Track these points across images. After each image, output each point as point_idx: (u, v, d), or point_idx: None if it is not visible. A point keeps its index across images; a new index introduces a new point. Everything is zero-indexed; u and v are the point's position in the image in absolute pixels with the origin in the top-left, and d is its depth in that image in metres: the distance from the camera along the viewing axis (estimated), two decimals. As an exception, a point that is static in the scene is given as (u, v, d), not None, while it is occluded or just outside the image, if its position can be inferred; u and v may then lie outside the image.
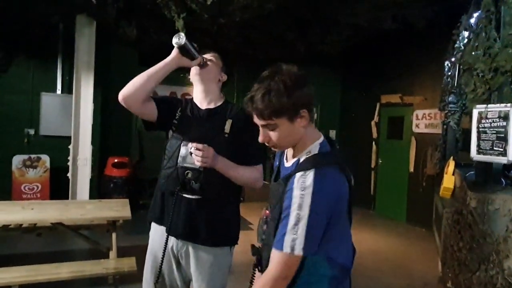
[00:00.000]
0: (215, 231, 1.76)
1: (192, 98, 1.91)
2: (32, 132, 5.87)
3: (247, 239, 1.98)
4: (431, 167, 5.87)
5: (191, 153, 1.66)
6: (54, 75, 5.94)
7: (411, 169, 6.58)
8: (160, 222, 1.82)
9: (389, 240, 5.47)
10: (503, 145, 2.36)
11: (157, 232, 1.85)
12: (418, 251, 5.06)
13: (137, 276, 2.96)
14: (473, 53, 2.56)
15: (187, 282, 1.90)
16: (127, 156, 6.24)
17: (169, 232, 1.74)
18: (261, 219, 1.49)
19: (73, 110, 5.57)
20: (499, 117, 2.39)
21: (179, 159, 1.73)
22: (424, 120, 6.40)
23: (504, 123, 2.36)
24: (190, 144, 1.67)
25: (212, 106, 1.85)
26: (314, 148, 1.25)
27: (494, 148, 2.41)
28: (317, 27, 5.17)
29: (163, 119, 1.81)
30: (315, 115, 1.33)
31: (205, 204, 1.74)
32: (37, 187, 5.61)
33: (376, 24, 5.14)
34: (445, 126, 4.24)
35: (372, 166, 7.47)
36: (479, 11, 2.55)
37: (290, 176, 1.21)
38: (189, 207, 1.73)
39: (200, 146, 1.63)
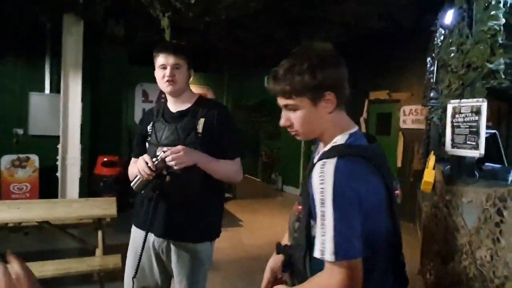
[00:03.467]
0: (195, 228, 1.81)
1: (166, 102, 1.95)
2: (20, 132, 5.87)
3: (236, 236, 2.02)
4: (418, 162, 5.95)
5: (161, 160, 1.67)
6: (42, 74, 5.94)
7: (399, 164, 6.66)
8: (142, 227, 1.84)
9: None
10: (476, 139, 2.43)
11: (137, 232, 1.90)
12: (404, 244, 5.14)
13: (123, 273, 3.02)
14: (447, 49, 2.62)
15: (168, 276, 1.94)
16: (117, 155, 6.26)
17: (149, 230, 1.78)
18: (292, 214, 1.38)
19: (61, 109, 5.58)
20: (472, 111, 2.45)
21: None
22: (411, 116, 6.48)
23: (477, 118, 2.43)
24: (159, 149, 1.71)
25: (184, 107, 1.88)
26: (341, 138, 1.10)
27: (467, 142, 2.48)
28: (306, 26, 5.22)
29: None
30: (343, 100, 1.13)
31: (184, 205, 1.79)
32: (26, 187, 5.62)
33: (363, 22, 5.20)
34: (428, 122, 4.32)
35: (362, 162, 7.54)
36: (453, 8, 2.61)
37: (311, 168, 1.09)
38: (168, 208, 1.78)
39: (168, 152, 1.66)
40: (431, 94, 3.96)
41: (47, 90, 5.98)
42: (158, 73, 1.84)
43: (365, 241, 1.00)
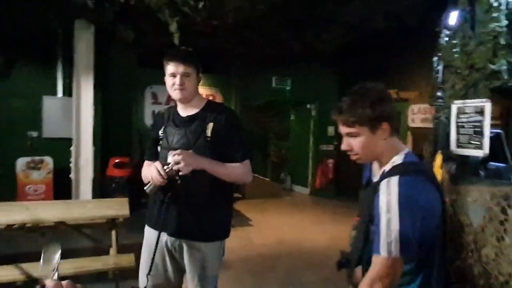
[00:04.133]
0: (205, 229, 1.89)
1: (176, 106, 2.02)
2: (35, 134, 6.03)
3: (246, 235, 2.09)
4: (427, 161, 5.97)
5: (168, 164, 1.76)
6: (54, 78, 6.08)
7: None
8: (155, 227, 1.92)
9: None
10: (480, 139, 2.47)
11: (151, 232, 1.98)
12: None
13: (137, 271, 3.11)
14: (451, 50, 2.66)
15: (180, 274, 2.02)
16: (128, 156, 6.38)
17: (162, 230, 1.87)
18: (352, 225, 1.56)
19: (73, 112, 5.72)
20: (476, 112, 2.49)
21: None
22: (419, 115, 6.49)
23: (480, 118, 2.46)
24: (170, 153, 1.78)
25: (193, 112, 1.95)
26: (398, 159, 1.32)
27: (472, 142, 2.52)
28: (310, 26, 5.27)
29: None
30: (395, 128, 1.38)
31: (194, 206, 1.87)
32: (41, 188, 5.77)
33: (368, 22, 5.23)
34: (436, 121, 4.33)
35: (370, 161, 7.57)
36: (456, 10, 2.65)
37: (376, 185, 1.29)
38: (180, 209, 1.86)
39: (175, 156, 1.73)
40: (438, 94, 3.98)
41: (59, 93, 6.12)
42: (168, 81, 1.91)
43: (421, 242, 1.20)
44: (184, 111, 1.98)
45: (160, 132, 1.98)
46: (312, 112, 8.60)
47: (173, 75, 1.88)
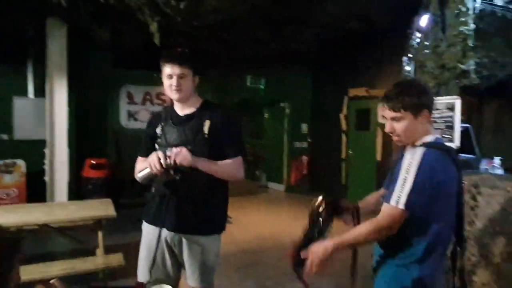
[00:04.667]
0: (205, 222, 1.99)
1: (173, 105, 2.08)
2: (5, 137, 5.83)
3: (228, 231, 2.17)
4: (396, 156, 6.28)
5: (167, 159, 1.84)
6: (25, 79, 5.91)
7: (379, 158, 6.97)
8: (154, 224, 1.99)
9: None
10: (451, 133, 2.69)
11: (149, 228, 2.03)
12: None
13: (125, 271, 3.12)
14: (423, 51, 2.88)
15: (179, 268, 2.09)
16: (105, 157, 6.30)
17: (163, 226, 1.93)
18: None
19: (47, 114, 5.58)
20: (447, 108, 2.71)
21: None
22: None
23: (451, 114, 2.69)
24: (169, 150, 1.86)
25: (190, 111, 2.03)
26: (429, 138, 1.53)
27: (444, 136, 2.74)
28: (288, 27, 5.42)
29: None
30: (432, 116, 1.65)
31: (194, 201, 1.95)
32: (14, 192, 5.59)
33: (342, 23, 5.45)
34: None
35: (343, 157, 7.83)
36: (427, 13, 2.86)
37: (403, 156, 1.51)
38: (179, 205, 1.94)
39: (175, 149, 1.82)
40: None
41: (30, 94, 5.95)
42: (166, 82, 1.98)
43: (439, 216, 1.46)
44: (181, 110, 2.05)
45: (158, 130, 2.04)
46: (286, 110, 8.79)
47: (170, 77, 1.94)
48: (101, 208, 3.57)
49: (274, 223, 6.13)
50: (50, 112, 5.60)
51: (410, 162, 1.42)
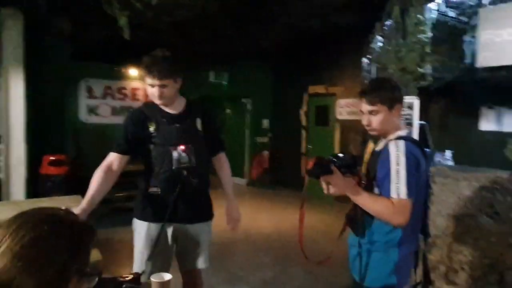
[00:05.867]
0: (206, 211, 2.18)
1: (157, 105, 2.06)
2: (-46, 133, 5.45)
3: None
4: (354, 149, 6.69)
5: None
6: (-25, 71, 5.54)
7: (337, 152, 7.37)
8: (157, 220, 2.04)
9: (321, 216, 6.16)
10: (410, 129, 3.01)
11: (150, 225, 2.07)
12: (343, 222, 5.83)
13: (102, 266, 3.14)
14: (386, 55, 3.17)
15: (170, 260, 2.15)
16: (64, 153, 6.09)
17: (170, 221, 2.02)
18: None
19: (2, 108, 5.29)
20: (407, 107, 3.03)
21: (174, 162, 1.97)
22: (346, 108, 7.21)
23: (410, 112, 3.01)
24: (176, 151, 1.95)
25: (179, 109, 2.09)
26: (402, 133, 1.68)
27: (404, 132, 3.06)
28: (254, 25, 5.57)
29: (139, 146, 2.07)
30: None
31: (197, 192, 2.09)
32: (-35, 191, 5.26)
33: (307, 23, 5.70)
34: (364, 114, 4.96)
35: (303, 151, 8.17)
36: (390, 21, 3.16)
37: (384, 147, 1.64)
38: (188, 198, 2.05)
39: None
40: (368, 90, 4.57)
41: (-18, 87, 5.59)
42: (148, 89, 2.01)
43: (417, 202, 1.59)
44: (169, 109, 2.08)
45: (152, 129, 2.02)
46: (247, 106, 8.96)
47: (152, 86, 1.97)
48: (71, 204, 3.51)
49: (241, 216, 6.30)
50: (5, 106, 5.32)
51: (397, 154, 1.54)
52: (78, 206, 1.84)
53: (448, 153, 3.03)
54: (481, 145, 4.35)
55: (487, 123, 4.39)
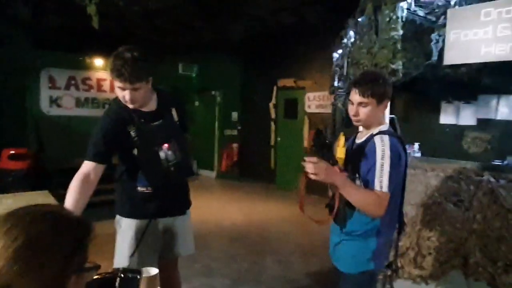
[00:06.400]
0: (187, 201, 2.22)
1: (129, 108, 1.91)
2: None
3: None
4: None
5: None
6: None
7: (306, 144, 7.53)
8: (145, 217, 2.02)
9: (291, 208, 6.28)
10: (382, 122, 3.14)
11: (137, 222, 2.03)
12: (313, 214, 6.00)
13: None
14: (359, 51, 3.28)
15: (158, 250, 2.12)
16: (25, 147, 5.81)
17: (158, 215, 2.03)
18: None
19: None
20: (379, 101, 3.15)
21: (163, 161, 1.93)
22: (314, 101, 7.36)
23: (382, 106, 3.13)
24: (163, 150, 1.94)
25: (155, 106, 2.01)
26: (384, 127, 1.74)
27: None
28: (223, 17, 5.53)
29: (118, 150, 2.01)
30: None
31: (182, 183, 2.14)
32: None
33: (276, 16, 5.73)
34: (334, 107, 5.09)
35: (272, 143, 8.27)
36: (363, 17, 3.27)
37: (368, 141, 1.69)
38: (174, 191, 2.07)
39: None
40: (338, 84, 4.69)
41: None
42: (118, 91, 1.85)
43: (397, 192, 1.70)
44: (144, 108, 1.97)
45: (133, 133, 1.90)
46: (217, 98, 8.92)
47: (122, 89, 1.82)
48: (41, 200, 3.38)
49: (211, 208, 6.30)
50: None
51: (383, 149, 1.60)
52: None
53: (416, 146, 3.21)
54: (442, 137, 4.64)
55: (446, 117, 4.69)
